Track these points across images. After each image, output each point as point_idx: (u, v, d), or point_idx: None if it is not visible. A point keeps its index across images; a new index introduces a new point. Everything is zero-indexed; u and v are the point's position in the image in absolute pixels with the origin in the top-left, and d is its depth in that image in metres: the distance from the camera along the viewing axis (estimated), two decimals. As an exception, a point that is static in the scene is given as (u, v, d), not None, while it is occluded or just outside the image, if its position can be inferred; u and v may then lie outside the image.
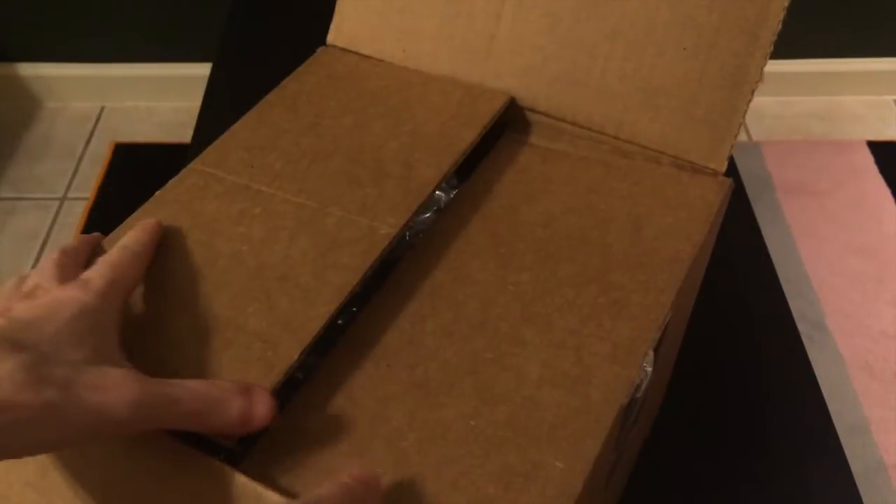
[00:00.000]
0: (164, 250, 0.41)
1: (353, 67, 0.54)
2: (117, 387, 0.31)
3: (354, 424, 0.35)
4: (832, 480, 0.65)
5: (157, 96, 1.52)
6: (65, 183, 1.42)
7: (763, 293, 0.77)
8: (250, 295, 0.39)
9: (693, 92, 0.48)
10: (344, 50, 0.56)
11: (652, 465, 0.61)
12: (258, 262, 0.40)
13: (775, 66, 0.76)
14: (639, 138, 0.49)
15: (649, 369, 0.39)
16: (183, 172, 0.46)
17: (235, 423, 0.33)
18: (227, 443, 0.34)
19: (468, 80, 0.53)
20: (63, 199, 1.40)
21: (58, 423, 0.30)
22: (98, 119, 1.53)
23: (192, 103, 0.87)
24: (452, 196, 0.48)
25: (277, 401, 0.35)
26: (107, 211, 1.36)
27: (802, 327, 0.77)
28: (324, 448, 0.34)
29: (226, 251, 0.41)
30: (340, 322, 0.40)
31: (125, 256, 0.39)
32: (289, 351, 0.36)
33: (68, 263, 0.38)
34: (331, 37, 0.57)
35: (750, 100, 0.47)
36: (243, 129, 0.49)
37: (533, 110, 0.52)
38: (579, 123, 0.51)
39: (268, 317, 0.38)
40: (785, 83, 1.46)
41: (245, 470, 0.32)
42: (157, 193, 0.45)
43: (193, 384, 0.34)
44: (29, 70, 1.51)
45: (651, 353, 0.39)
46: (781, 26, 0.46)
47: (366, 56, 0.55)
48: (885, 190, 0.94)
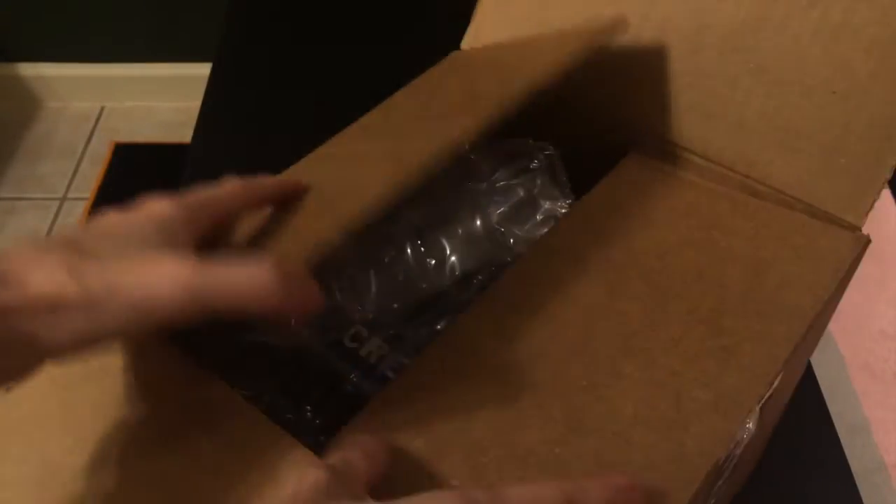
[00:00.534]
0: None
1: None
2: (166, 270, 0.30)
3: (435, 430, 0.34)
4: (832, 480, 0.65)
5: (157, 96, 1.52)
6: (65, 183, 1.42)
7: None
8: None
9: (837, 139, 0.45)
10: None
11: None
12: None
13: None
14: (771, 180, 0.47)
15: (752, 427, 0.36)
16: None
17: (283, 307, 0.32)
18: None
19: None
20: (63, 199, 1.40)
21: (103, 312, 0.29)
22: (98, 119, 1.53)
23: (192, 103, 0.86)
24: (566, 210, 0.47)
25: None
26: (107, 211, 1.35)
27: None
28: (399, 448, 0.34)
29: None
30: (440, 327, 0.42)
31: (239, 191, 0.38)
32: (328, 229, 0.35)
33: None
34: (465, 43, 0.56)
35: (902, 154, 0.44)
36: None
37: (662, 138, 0.49)
38: (709, 157, 0.48)
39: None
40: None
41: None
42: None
43: (244, 268, 0.31)
44: (29, 70, 1.50)
45: (757, 410, 0.36)
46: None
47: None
48: (885, 190, 0.97)
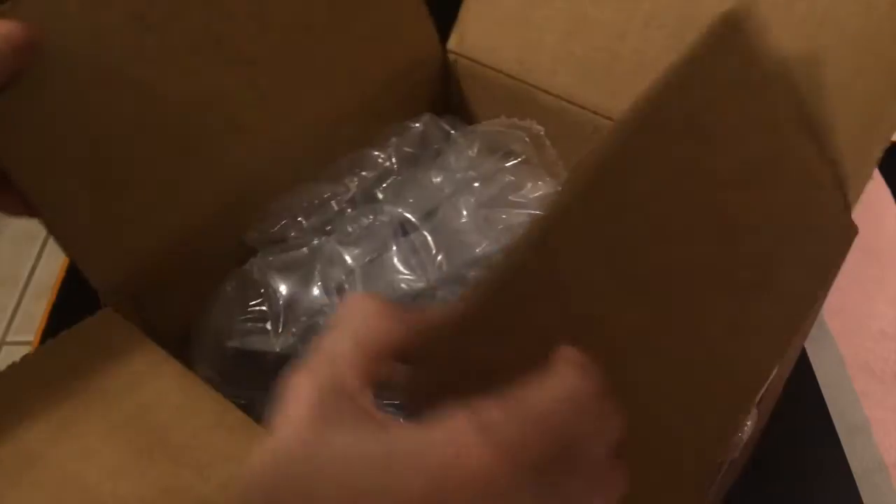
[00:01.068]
0: None
1: None
2: None
3: None
4: (832, 480, 0.65)
5: None
6: None
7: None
8: None
9: (824, 133, 0.44)
10: (463, 57, 0.56)
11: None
12: None
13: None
14: None
15: (750, 425, 0.37)
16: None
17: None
18: None
19: (584, 99, 0.51)
20: None
21: None
22: None
23: None
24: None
25: None
26: None
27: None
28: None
29: None
30: None
31: None
32: None
33: None
34: (451, 43, 0.57)
35: (886, 147, 0.44)
36: None
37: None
38: None
39: None
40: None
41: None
42: None
43: None
44: None
45: (754, 411, 0.36)
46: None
47: (484, 65, 0.55)
48: (885, 190, 0.90)
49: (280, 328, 0.43)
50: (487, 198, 0.50)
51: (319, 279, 0.45)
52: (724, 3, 0.42)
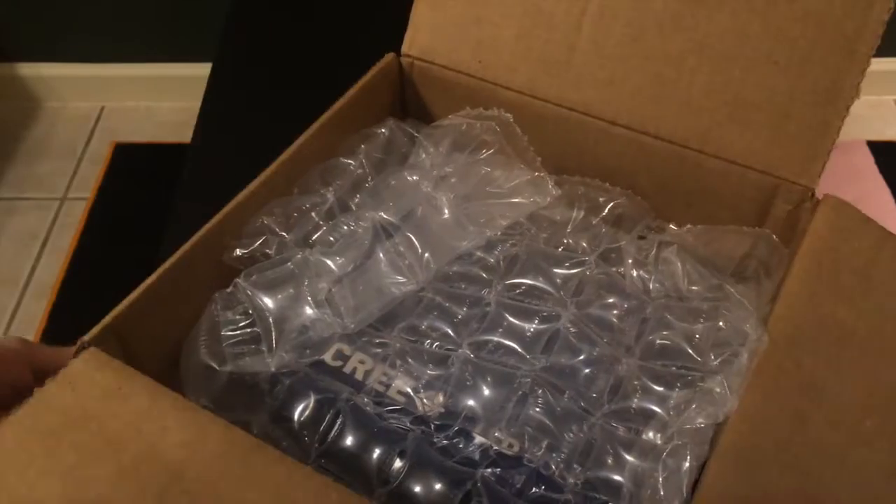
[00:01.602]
0: None
1: None
2: None
3: None
4: None
5: (157, 96, 1.51)
6: (65, 183, 1.41)
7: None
8: None
9: (784, 107, 0.46)
10: (419, 60, 0.55)
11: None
12: None
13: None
14: (725, 153, 0.48)
15: None
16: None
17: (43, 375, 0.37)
18: None
19: (546, 92, 0.52)
20: (63, 200, 1.39)
21: None
22: (98, 119, 1.51)
23: (192, 103, 0.84)
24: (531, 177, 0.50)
25: None
26: (107, 211, 1.36)
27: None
28: None
29: None
30: (424, 326, 0.46)
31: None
32: None
33: None
34: (405, 47, 0.56)
35: (845, 116, 0.45)
36: None
37: (614, 123, 0.50)
38: (662, 137, 0.49)
39: None
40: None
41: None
42: None
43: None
44: (29, 70, 1.49)
45: None
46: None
47: (441, 66, 0.54)
48: (885, 190, 0.93)
49: (273, 347, 0.42)
50: (465, 192, 0.50)
51: (308, 293, 0.44)
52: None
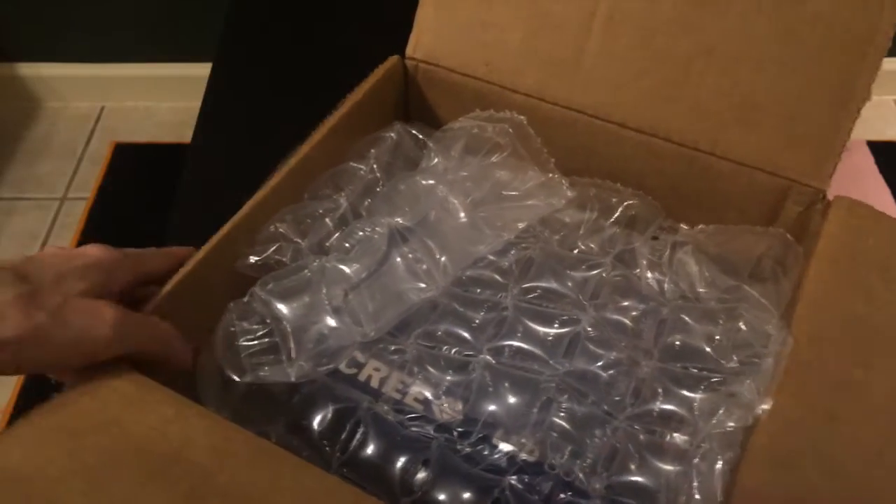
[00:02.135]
0: None
1: None
2: (101, 312, 0.36)
3: None
4: None
5: (157, 96, 1.51)
6: (65, 183, 1.41)
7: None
8: None
9: (794, 109, 0.46)
10: (424, 63, 0.55)
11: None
12: None
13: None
14: (735, 155, 0.48)
15: None
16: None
17: (184, 360, 0.40)
18: None
19: (554, 95, 0.51)
20: (63, 199, 1.38)
21: (47, 344, 0.34)
22: (98, 119, 1.51)
23: (192, 103, 0.84)
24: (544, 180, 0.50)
25: None
26: (107, 211, 1.35)
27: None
28: None
29: None
30: (440, 333, 0.45)
31: (163, 253, 0.42)
32: None
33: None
34: (409, 49, 0.55)
35: (856, 117, 0.45)
36: None
37: (623, 126, 0.50)
38: (671, 139, 0.49)
39: None
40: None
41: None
42: None
43: (161, 321, 0.39)
44: (29, 70, 1.48)
45: None
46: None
47: (447, 69, 0.54)
48: (885, 190, 0.93)
49: (292, 357, 0.41)
50: (480, 196, 0.49)
51: (326, 301, 0.43)
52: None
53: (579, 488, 0.40)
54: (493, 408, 0.43)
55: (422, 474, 0.40)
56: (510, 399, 0.43)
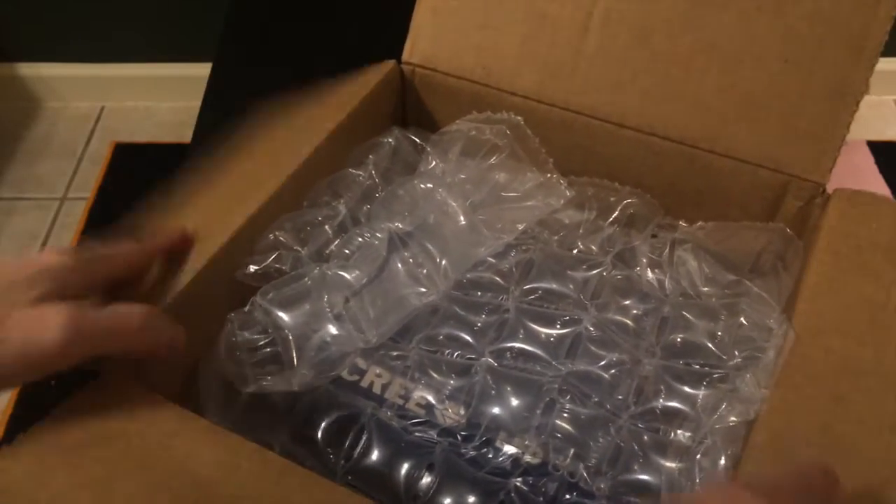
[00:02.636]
0: None
1: None
2: (46, 318, 0.33)
3: None
4: None
5: (157, 96, 1.50)
6: (65, 183, 1.40)
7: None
8: None
9: (794, 105, 0.46)
10: (421, 67, 0.55)
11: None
12: None
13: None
14: (735, 151, 0.48)
15: None
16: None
17: (164, 348, 0.37)
18: None
19: (552, 97, 0.51)
20: (63, 199, 1.38)
21: None
22: (98, 119, 1.50)
23: (192, 103, 0.83)
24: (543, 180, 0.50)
25: None
26: (107, 211, 1.34)
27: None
28: None
29: None
30: (441, 338, 0.45)
31: (132, 249, 0.40)
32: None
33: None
34: (406, 55, 0.55)
35: (855, 111, 0.45)
36: None
37: (622, 125, 0.50)
38: (671, 138, 0.49)
39: None
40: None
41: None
42: None
43: (132, 308, 0.36)
44: (29, 70, 1.48)
45: None
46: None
47: (444, 73, 0.53)
48: (886, 190, 0.93)
49: (295, 365, 0.41)
50: (479, 198, 0.49)
51: (327, 308, 0.43)
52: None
53: (584, 489, 0.40)
54: (496, 410, 0.43)
55: (426, 479, 0.40)
56: (513, 401, 0.43)
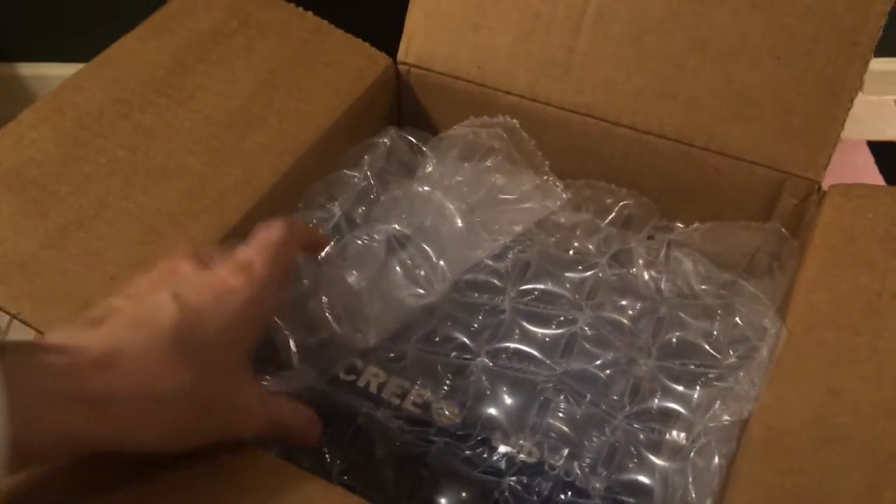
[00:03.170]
0: None
1: None
2: (251, 413, 0.35)
3: None
4: None
5: None
6: None
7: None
8: None
9: (788, 102, 0.46)
10: (416, 67, 0.55)
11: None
12: None
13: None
14: (730, 149, 0.48)
15: None
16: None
17: (312, 440, 0.38)
18: None
19: (547, 96, 0.51)
20: None
21: (196, 431, 0.32)
22: None
23: None
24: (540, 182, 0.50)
25: None
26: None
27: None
28: None
29: None
30: (437, 339, 0.46)
31: (282, 252, 0.37)
32: None
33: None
34: (401, 55, 0.55)
35: (849, 108, 0.45)
36: None
37: (617, 124, 0.50)
38: (666, 136, 0.49)
39: None
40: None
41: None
42: None
43: (294, 408, 0.37)
44: (29, 70, 1.45)
45: None
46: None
47: (439, 73, 0.54)
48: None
49: (294, 366, 0.41)
50: (476, 201, 0.49)
51: (326, 309, 0.43)
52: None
53: (579, 488, 0.41)
54: (492, 410, 0.43)
55: (423, 477, 0.41)
56: (508, 401, 0.44)
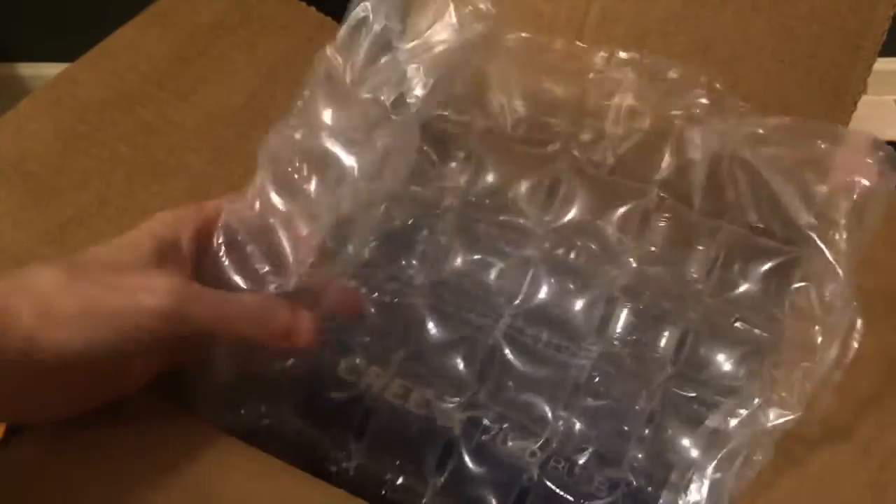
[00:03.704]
0: None
1: None
2: (155, 287, 0.31)
3: None
4: None
5: None
6: None
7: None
8: None
9: (791, 105, 0.46)
10: None
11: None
12: None
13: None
14: None
15: None
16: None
17: (279, 335, 0.34)
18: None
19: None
20: None
21: (94, 322, 0.30)
22: None
23: None
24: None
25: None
26: None
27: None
28: None
29: None
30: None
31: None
32: None
33: None
34: None
35: (853, 111, 0.45)
36: None
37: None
38: None
39: None
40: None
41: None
42: None
43: (242, 295, 0.34)
44: (29, 70, 1.47)
45: None
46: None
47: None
48: None
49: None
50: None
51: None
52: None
53: (611, 463, 0.40)
54: (523, 395, 0.43)
55: (451, 456, 0.41)
56: (540, 381, 0.43)
